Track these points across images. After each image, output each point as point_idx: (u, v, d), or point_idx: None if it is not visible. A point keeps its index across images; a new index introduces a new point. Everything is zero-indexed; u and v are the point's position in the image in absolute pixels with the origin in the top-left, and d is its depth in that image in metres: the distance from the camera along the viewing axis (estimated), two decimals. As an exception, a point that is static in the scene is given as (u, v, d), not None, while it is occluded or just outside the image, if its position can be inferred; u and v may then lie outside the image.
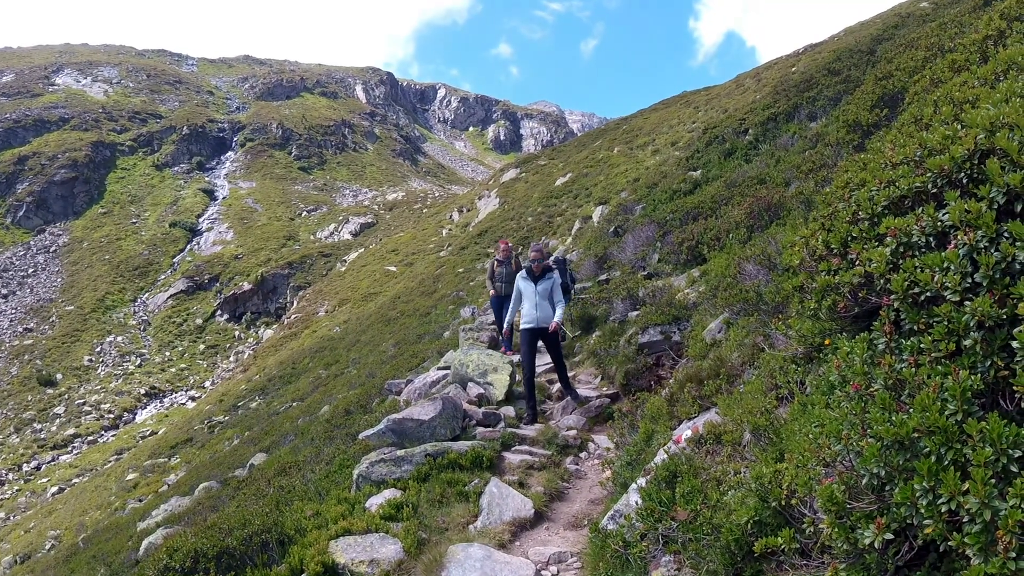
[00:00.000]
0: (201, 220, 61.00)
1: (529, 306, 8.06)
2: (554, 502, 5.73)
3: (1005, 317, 2.22)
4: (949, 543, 1.97)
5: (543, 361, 9.23)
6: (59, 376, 39.44)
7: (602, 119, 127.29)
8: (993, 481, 1.88)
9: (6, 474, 30.05)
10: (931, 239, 2.62)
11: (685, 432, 4.51)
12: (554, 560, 4.66)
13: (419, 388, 9.65)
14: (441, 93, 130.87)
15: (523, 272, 8.23)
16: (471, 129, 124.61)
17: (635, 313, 9.50)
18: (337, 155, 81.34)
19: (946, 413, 2.10)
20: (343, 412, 11.86)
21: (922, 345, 2.37)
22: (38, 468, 30.59)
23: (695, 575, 3.18)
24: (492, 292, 11.96)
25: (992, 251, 2.34)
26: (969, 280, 2.37)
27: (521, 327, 8.22)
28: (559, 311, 7.99)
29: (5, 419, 35.02)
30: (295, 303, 46.10)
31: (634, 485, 4.39)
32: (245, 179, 70.55)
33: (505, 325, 8.84)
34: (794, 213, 7.39)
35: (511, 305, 8.42)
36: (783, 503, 2.78)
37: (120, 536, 11.91)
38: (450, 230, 43.58)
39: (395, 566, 4.62)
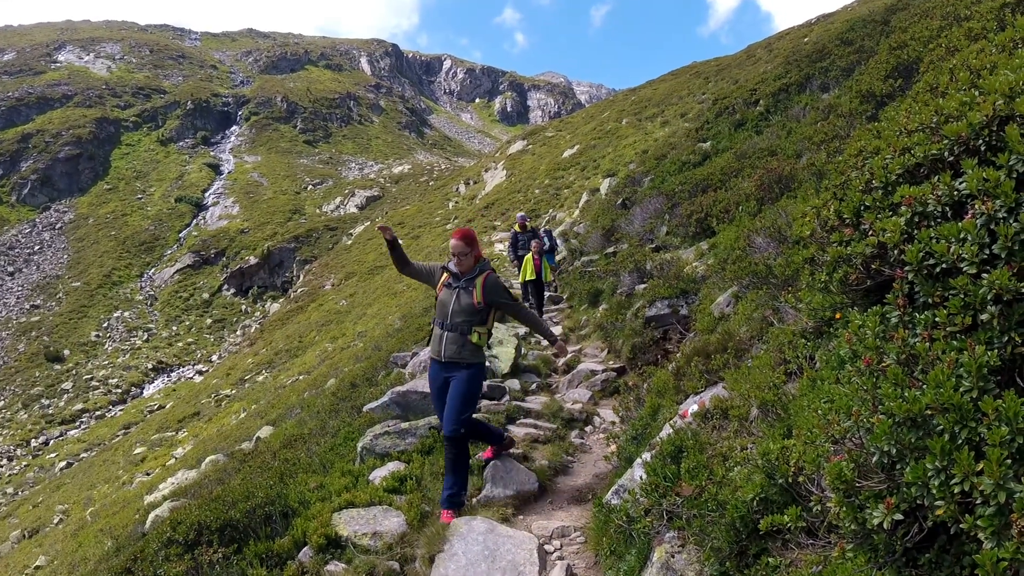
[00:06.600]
0: (207, 195, 61.00)
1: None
2: (558, 476, 5.72)
3: (1024, 291, 2.13)
4: (961, 526, 1.90)
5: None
6: (66, 352, 39.79)
7: (610, 90, 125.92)
8: (1009, 462, 1.80)
9: (14, 449, 30.47)
10: (947, 209, 2.51)
11: (691, 407, 4.47)
12: (557, 534, 4.65)
13: (424, 361, 9.61)
14: (447, 64, 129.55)
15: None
16: (477, 101, 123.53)
17: (642, 286, 9.43)
18: (343, 128, 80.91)
19: (961, 390, 2.02)
20: (349, 385, 11.87)
21: (937, 319, 2.28)
22: (46, 443, 30.98)
23: (699, 552, 3.14)
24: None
25: (1011, 221, 2.24)
26: (987, 252, 2.27)
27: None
28: None
29: (13, 395, 35.44)
30: (301, 277, 46.24)
31: (639, 460, 4.36)
32: (250, 153, 70.36)
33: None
34: (806, 185, 7.24)
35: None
36: (790, 480, 2.73)
37: (127, 510, 12.05)
38: (456, 203, 43.41)
39: (398, 539, 4.62)
